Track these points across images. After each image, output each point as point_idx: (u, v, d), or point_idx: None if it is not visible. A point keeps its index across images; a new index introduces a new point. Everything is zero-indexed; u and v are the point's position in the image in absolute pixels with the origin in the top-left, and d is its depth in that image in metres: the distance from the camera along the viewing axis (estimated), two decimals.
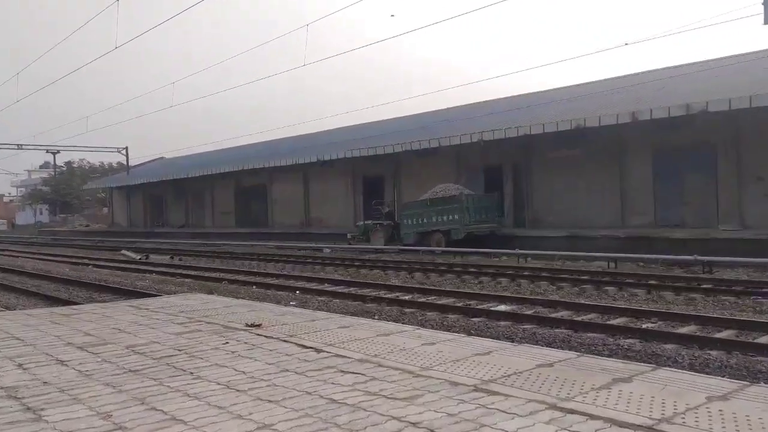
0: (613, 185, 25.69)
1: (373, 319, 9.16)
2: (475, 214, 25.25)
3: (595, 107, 25.14)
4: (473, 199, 25.74)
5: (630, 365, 4.63)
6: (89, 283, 17.65)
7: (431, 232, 25.98)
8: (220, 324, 6.65)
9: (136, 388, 4.22)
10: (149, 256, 28.41)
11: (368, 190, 36.52)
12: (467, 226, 24.76)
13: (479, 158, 29.84)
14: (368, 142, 33.61)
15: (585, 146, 25.88)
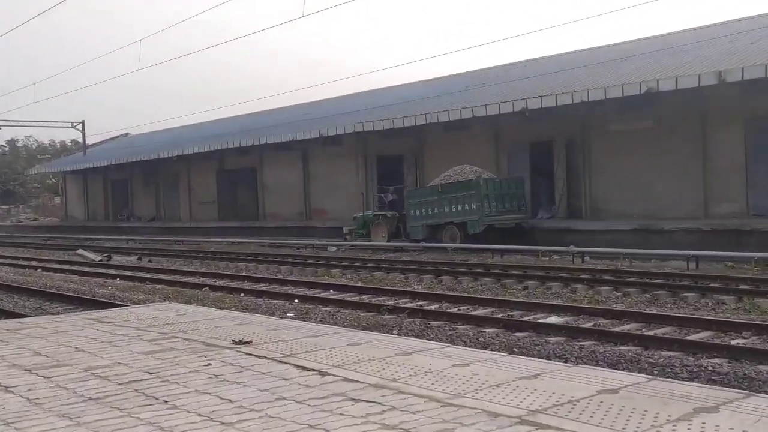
0: (693, 165, 25.52)
1: (391, 334, 9.20)
2: (496, 203, 25.43)
3: (670, 66, 24.94)
4: (494, 185, 25.94)
5: (716, 391, 4.60)
6: (39, 291, 17.88)
7: (443, 225, 26.17)
8: (200, 341, 6.71)
9: (98, 420, 4.27)
10: (112, 256, 28.73)
11: (383, 174, 36.57)
12: (487, 217, 24.97)
13: (523, 132, 29.77)
14: (383, 112, 33.59)
15: (658, 116, 25.72)
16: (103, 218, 57.25)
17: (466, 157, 31.82)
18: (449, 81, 38.12)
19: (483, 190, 25.31)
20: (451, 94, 33.19)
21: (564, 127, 28.42)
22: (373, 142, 35.39)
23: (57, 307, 15.51)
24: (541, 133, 29.18)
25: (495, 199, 25.53)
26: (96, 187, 59.33)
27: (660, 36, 32.27)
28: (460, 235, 25.56)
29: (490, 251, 22.38)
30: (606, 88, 24.27)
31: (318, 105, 44.58)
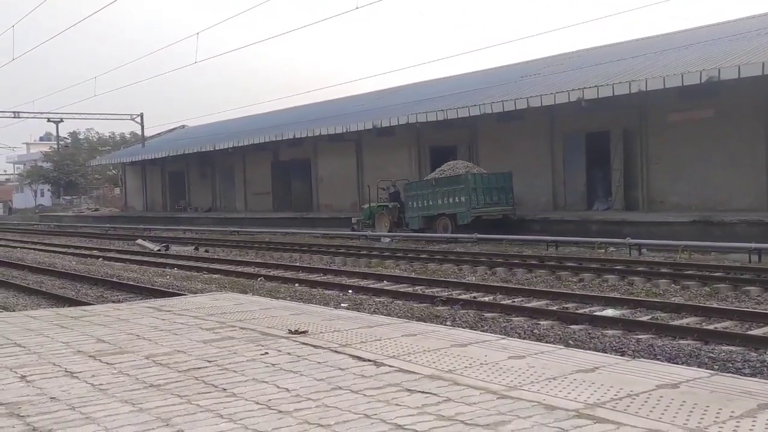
0: (756, 155, 24.85)
1: (444, 325, 9.19)
2: (484, 196, 27.32)
3: (732, 54, 24.28)
4: (482, 179, 27.70)
5: None
6: (100, 279, 18.34)
7: (437, 216, 28.20)
8: (257, 330, 6.80)
9: (159, 406, 4.36)
10: (169, 246, 29.27)
11: (436, 164, 36.42)
12: (475, 209, 26.94)
13: (579, 122, 29.38)
14: (437, 103, 33.48)
15: (719, 105, 25.10)
16: (161, 209, 58.34)
17: (520, 147, 31.58)
18: (503, 71, 37.77)
19: (471, 184, 27.07)
20: (505, 84, 32.88)
21: (621, 117, 27.94)
22: (426, 133, 35.31)
23: (118, 295, 15.89)
24: (598, 124, 28.74)
25: (483, 193, 27.32)
26: (154, 178, 60.47)
27: (719, 24, 31.45)
28: (451, 226, 27.47)
29: (545, 242, 22.16)
30: (665, 77, 23.77)
31: (371, 96, 44.66)
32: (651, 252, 19.63)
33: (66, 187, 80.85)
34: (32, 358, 5.86)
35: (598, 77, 27.24)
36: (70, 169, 78.62)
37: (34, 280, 19.46)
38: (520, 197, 31.85)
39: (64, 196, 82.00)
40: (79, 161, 78.50)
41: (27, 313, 9.36)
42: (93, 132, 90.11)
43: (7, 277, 19.74)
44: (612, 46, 35.17)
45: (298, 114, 47.08)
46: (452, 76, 42.16)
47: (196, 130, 61.56)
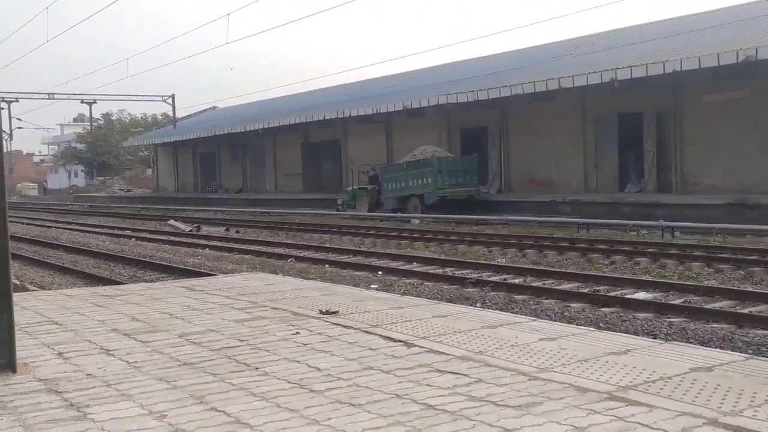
0: None
1: (474, 306, 9.18)
2: (449, 178, 29.31)
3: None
4: (447, 162, 29.95)
5: None
6: (133, 259, 18.56)
7: (408, 197, 30.51)
8: (288, 310, 6.85)
9: (193, 384, 4.43)
10: (201, 227, 29.52)
11: (467, 145, 36.28)
12: (440, 190, 29.07)
13: (611, 103, 29.03)
14: (467, 84, 33.28)
15: (756, 86, 24.62)
16: (193, 189, 58.81)
17: (551, 129, 31.33)
18: (534, 52, 37.39)
19: (436, 167, 29.21)
20: (537, 65, 32.57)
21: (654, 98, 27.55)
22: (457, 114, 35.12)
23: (150, 275, 16.08)
24: (630, 105, 28.37)
25: (448, 175, 29.28)
26: (185, 159, 60.94)
27: (757, 1, 30.78)
28: (420, 206, 29.66)
29: (576, 225, 22.00)
30: (700, 57, 23.35)
31: (401, 77, 44.48)
32: (684, 235, 19.40)
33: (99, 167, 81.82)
34: (69, 336, 5.96)
35: (632, 57, 26.85)
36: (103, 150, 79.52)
37: (69, 259, 19.75)
38: (551, 178, 31.66)
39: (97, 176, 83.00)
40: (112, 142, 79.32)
41: (63, 292, 9.52)
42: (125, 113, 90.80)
43: (42, 257, 20.06)
44: (646, 26, 34.64)
45: (328, 95, 47.07)
46: (483, 57, 41.83)
47: (227, 111, 61.84)
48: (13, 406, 4.06)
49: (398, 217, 28.71)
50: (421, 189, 29.78)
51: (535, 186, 32.03)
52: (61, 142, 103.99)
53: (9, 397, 4.25)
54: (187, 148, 58.85)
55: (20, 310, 5.20)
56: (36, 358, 5.17)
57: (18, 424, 3.75)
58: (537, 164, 32.42)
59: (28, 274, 16.42)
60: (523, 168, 33.29)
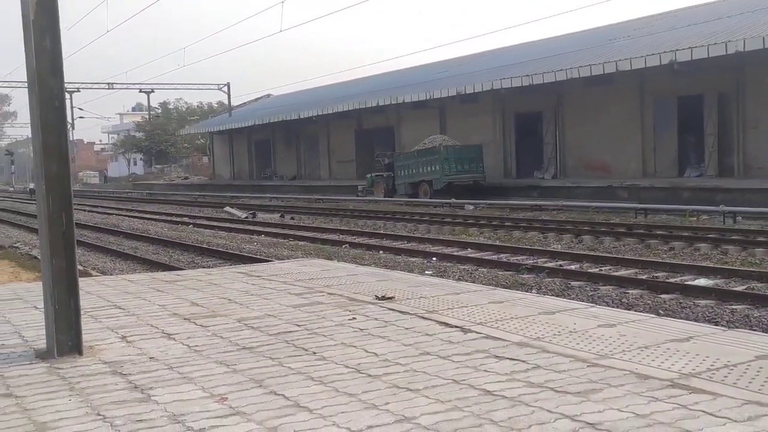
0: None
1: (530, 293, 9.11)
2: (456, 165, 31.60)
3: None
4: (454, 151, 32.18)
5: None
6: (190, 245, 18.89)
7: (419, 183, 32.87)
8: (344, 296, 6.89)
9: (252, 368, 4.49)
10: (256, 214, 29.89)
11: (522, 130, 35.99)
12: (447, 176, 31.28)
13: (671, 86, 28.41)
14: (521, 68, 32.90)
15: None
16: (248, 177, 59.51)
17: (608, 113, 30.80)
18: (590, 35, 36.77)
19: (443, 155, 31.52)
20: (593, 48, 32.02)
21: (716, 79, 26.85)
22: (511, 99, 34.78)
23: (208, 261, 16.34)
24: (690, 87, 27.71)
25: (455, 162, 31.58)
26: (241, 147, 61.66)
27: None
28: (429, 191, 31.74)
29: (633, 210, 21.63)
30: (764, 37, 22.64)
31: (454, 62, 44.15)
32: (746, 220, 18.92)
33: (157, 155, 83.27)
34: (131, 320, 6.10)
35: (692, 38, 26.20)
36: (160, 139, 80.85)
37: (129, 245, 20.19)
38: (607, 163, 31.16)
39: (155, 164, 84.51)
40: (169, 130, 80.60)
41: (125, 277, 9.74)
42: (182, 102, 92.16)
43: (104, 243, 20.55)
44: (707, 6, 33.73)
45: (381, 82, 47.06)
46: (537, 41, 41.30)
47: (281, 99, 62.31)
48: (80, 388, 4.18)
49: (452, 203, 28.62)
50: (430, 175, 32.02)
51: (591, 171, 31.57)
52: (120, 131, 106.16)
53: (76, 379, 4.37)
54: (243, 135, 59.54)
55: (85, 294, 5.34)
56: (101, 342, 5.30)
57: (85, 405, 3.86)
58: (593, 149, 31.95)
59: (90, 260, 16.84)
60: (578, 153, 32.84)
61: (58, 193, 4.99)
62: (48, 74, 4.92)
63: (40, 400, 3.97)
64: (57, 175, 4.99)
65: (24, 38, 4.97)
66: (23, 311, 6.65)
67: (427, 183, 32.23)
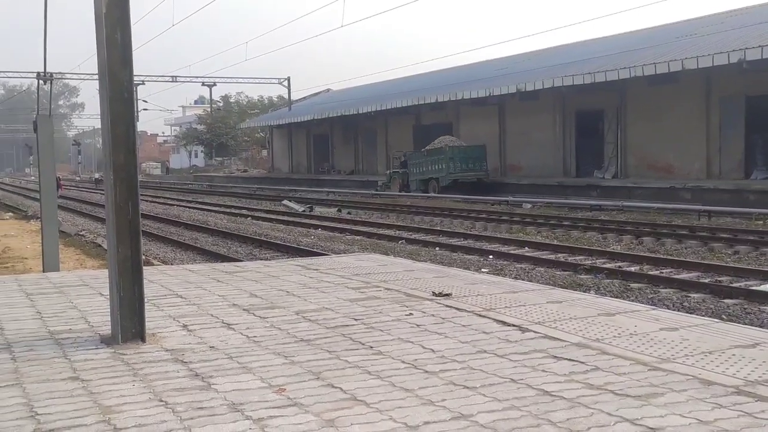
0: None
1: (589, 293, 8.99)
2: (461, 164, 34.43)
3: None
4: (459, 151, 35.19)
5: None
6: (249, 238, 19.16)
7: (428, 180, 35.69)
8: (401, 291, 6.90)
9: (310, 360, 4.53)
10: (313, 208, 30.14)
11: (582, 129, 35.48)
12: (452, 174, 34.24)
13: (739, 85, 27.65)
14: (582, 66, 32.41)
15: None
16: (306, 170, 59.99)
17: (672, 112, 30.15)
18: (655, 32, 35.99)
19: (449, 154, 34.63)
20: (658, 46, 31.33)
21: None
22: (572, 97, 34.31)
23: (266, 253, 16.55)
24: (760, 86, 26.90)
25: (459, 161, 34.48)
26: (299, 141, 62.19)
27: None
28: (437, 187, 34.64)
29: (696, 212, 21.15)
30: None
31: (514, 59, 43.74)
32: None
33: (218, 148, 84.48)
34: (192, 309, 6.22)
35: (762, 37, 25.42)
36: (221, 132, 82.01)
37: (189, 236, 20.58)
38: (670, 164, 30.51)
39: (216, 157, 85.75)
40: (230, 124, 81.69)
41: (186, 267, 9.93)
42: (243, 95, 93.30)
43: (165, 233, 20.99)
44: None
45: (440, 78, 46.87)
46: (600, 38, 40.65)
47: (340, 93, 62.61)
48: (143, 374, 4.28)
49: (510, 201, 28.41)
50: (437, 173, 35.05)
51: (653, 171, 30.94)
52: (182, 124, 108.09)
53: (140, 365, 4.47)
54: (301, 129, 60.02)
55: (147, 283, 5.45)
56: (163, 329, 5.42)
57: (148, 391, 3.94)
58: (656, 149, 31.31)
59: (152, 249, 17.21)
60: (640, 152, 32.22)
61: (125, 183, 5.11)
62: (118, 67, 5.04)
63: (105, 384, 4.08)
64: (124, 165, 5.11)
65: (96, 31, 5.10)
66: (89, 297, 6.83)
67: (435, 180, 35.17)
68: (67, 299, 6.76)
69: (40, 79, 26.45)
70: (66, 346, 4.99)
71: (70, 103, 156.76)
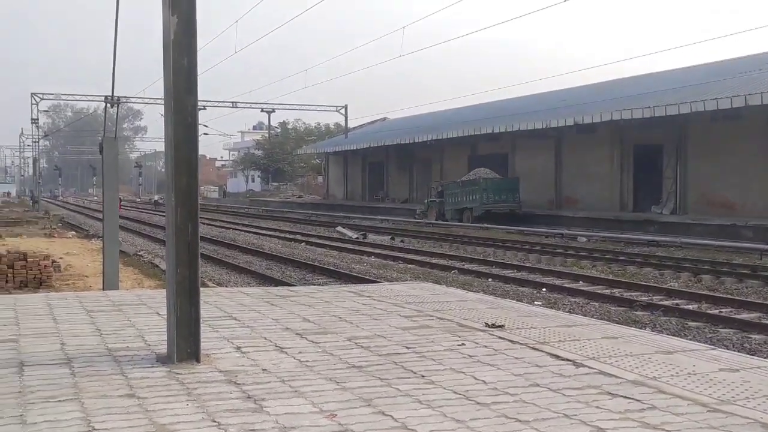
0: None
1: (645, 330, 8.80)
2: (494, 195, 35.80)
3: None
4: (493, 182, 36.76)
5: None
6: (302, 263, 19.31)
7: (462, 209, 37.10)
8: (454, 321, 6.86)
9: (361, 386, 4.53)
10: (367, 235, 30.21)
11: (640, 163, 34.99)
12: (485, 205, 35.54)
13: None
14: (641, 100, 32.02)
15: None
16: (360, 198, 60.31)
17: (735, 148, 29.54)
18: (717, 67, 35.39)
19: (482, 186, 36.05)
20: (719, 81, 30.82)
21: None
22: (630, 131, 33.91)
23: (318, 279, 16.65)
24: None
25: (493, 192, 35.85)
26: (355, 168, 62.64)
27: None
28: (471, 217, 35.84)
29: (758, 251, 20.58)
30: None
31: (571, 92, 43.40)
32: None
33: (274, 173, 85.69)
34: (246, 331, 6.28)
35: None
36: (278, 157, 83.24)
37: (243, 259, 20.84)
38: (731, 201, 29.83)
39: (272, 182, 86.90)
40: (287, 150, 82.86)
41: (240, 289, 10.06)
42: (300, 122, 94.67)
43: (221, 256, 21.29)
44: None
45: (496, 108, 46.84)
46: (659, 72, 40.12)
47: (396, 122, 63.02)
48: (197, 394, 4.33)
49: (565, 234, 28.08)
50: (471, 203, 36.47)
51: (714, 208, 30.26)
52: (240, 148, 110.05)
53: (194, 385, 4.53)
54: (357, 157, 60.48)
55: (203, 304, 5.52)
56: (217, 351, 5.48)
57: (201, 411, 3.99)
58: (717, 185, 30.66)
59: (207, 271, 17.46)
60: (700, 188, 31.59)
61: (186, 206, 5.22)
62: (184, 92, 5.16)
63: (159, 402, 4.14)
64: (186, 188, 5.22)
65: (163, 57, 5.25)
66: (147, 316, 6.96)
67: (469, 210, 36.51)
68: (125, 317, 6.90)
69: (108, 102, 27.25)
70: (123, 363, 5.09)
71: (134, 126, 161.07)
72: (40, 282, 13.24)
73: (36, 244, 21.63)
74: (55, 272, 14.49)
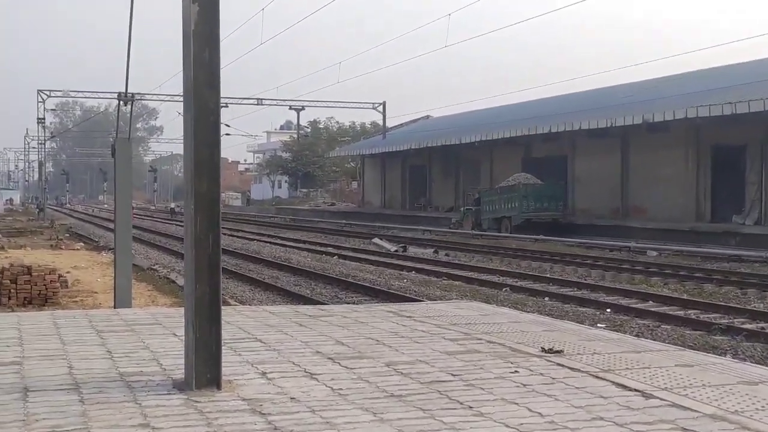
0: None
1: (725, 357, 8.68)
2: (535, 203, 36.34)
3: None
4: (533, 189, 37.14)
5: None
6: (335, 278, 19.40)
7: (501, 218, 37.79)
8: (505, 345, 6.83)
9: (401, 418, 4.53)
10: (407, 248, 30.25)
11: (720, 166, 34.51)
12: (524, 213, 36.18)
13: None
14: (721, 95, 31.59)
15: None
16: (400, 206, 60.28)
17: None
18: None
19: (522, 192, 36.69)
20: None
21: None
22: (708, 130, 33.46)
23: (353, 296, 16.71)
24: None
25: (534, 200, 36.37)
26: (394, 173, 62.61)
27: None
28: (510, 227, 36.40)
29: None
30: None
31: (640, 86, 42.95)
32: None
33: (303, 179, 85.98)
34: (272, 355, 6.32)
35: None
36: (308, 160, 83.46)
37: (269, 274, 21.00)
38: None
39: (301, 188, 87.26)
40: (318, 152, 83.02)
41: (266, 308, 10.13)
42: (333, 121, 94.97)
43: (244, 270, 21.48)
44: None
45: (553, 105, 46.48)
46: (740, 63, 39.49)
47: (440, 121, 62.88)
48: (217, 425, 4.37)
49: (632, 247, 27.82)
50: (510, 212, 37.13)
51: None
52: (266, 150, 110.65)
53: (214, 414, 4.57)
54: (396, 160, 60.48)
55: (224, 324, 5.57)
56: (240, 376, 5.52)
57: None
58: None
59: (229, 287, 17.61)
60: None
61: (206, 214, 5.27)
62: (205, 87, 5.23)
63: None
64: (207, 193, 5.27)
65: (183, 50, 5.32)
66: (162, 337, 7.04)
67: (507, 218, 37.23)
68: (138, 338, 6.99)
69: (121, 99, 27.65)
70: (137, 389, 5.15)
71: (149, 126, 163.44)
72: (46, 298, 13.48)
73: (41, 256, 22.05)
74: (62, 288, 14.74)
